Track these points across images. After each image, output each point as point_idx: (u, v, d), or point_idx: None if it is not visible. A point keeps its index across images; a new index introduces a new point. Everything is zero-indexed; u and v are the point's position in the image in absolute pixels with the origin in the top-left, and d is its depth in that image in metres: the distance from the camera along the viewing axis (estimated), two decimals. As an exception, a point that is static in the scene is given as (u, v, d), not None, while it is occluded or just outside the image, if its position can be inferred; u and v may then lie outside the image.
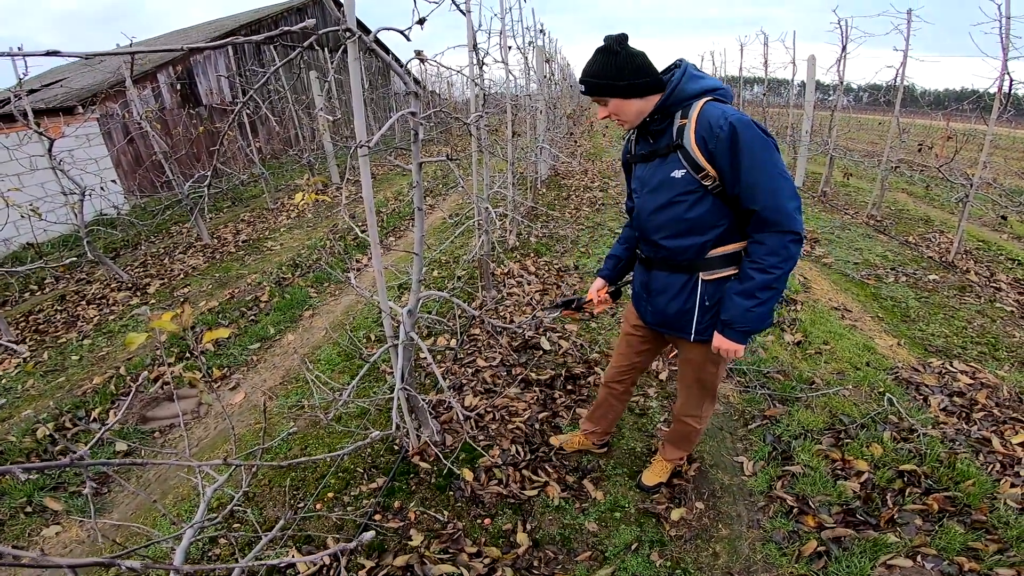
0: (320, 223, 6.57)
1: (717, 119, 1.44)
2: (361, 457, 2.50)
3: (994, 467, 2.19)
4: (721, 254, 1.59)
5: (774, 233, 1.45)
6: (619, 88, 1.52)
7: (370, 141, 1.87)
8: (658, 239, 1.66)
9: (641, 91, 1.52)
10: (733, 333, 1.57)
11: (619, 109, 1.56)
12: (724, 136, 1.42)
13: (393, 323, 2.14)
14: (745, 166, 1.42)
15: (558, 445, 2.48)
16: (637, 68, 1.50)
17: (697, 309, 1.66)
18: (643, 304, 1.84)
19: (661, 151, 1.59)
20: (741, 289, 1.53)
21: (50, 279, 5.07)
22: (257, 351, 3.53)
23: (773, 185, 1.42)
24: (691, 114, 1.50)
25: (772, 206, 1.42)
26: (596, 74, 1.53)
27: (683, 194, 1.55)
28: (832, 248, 5.06)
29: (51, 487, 2.45)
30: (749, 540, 2.02)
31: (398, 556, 1.97)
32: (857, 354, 3.11)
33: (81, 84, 8.22)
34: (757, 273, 1.48)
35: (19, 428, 2.84)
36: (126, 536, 2.19)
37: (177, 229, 6.59)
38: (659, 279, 1.73)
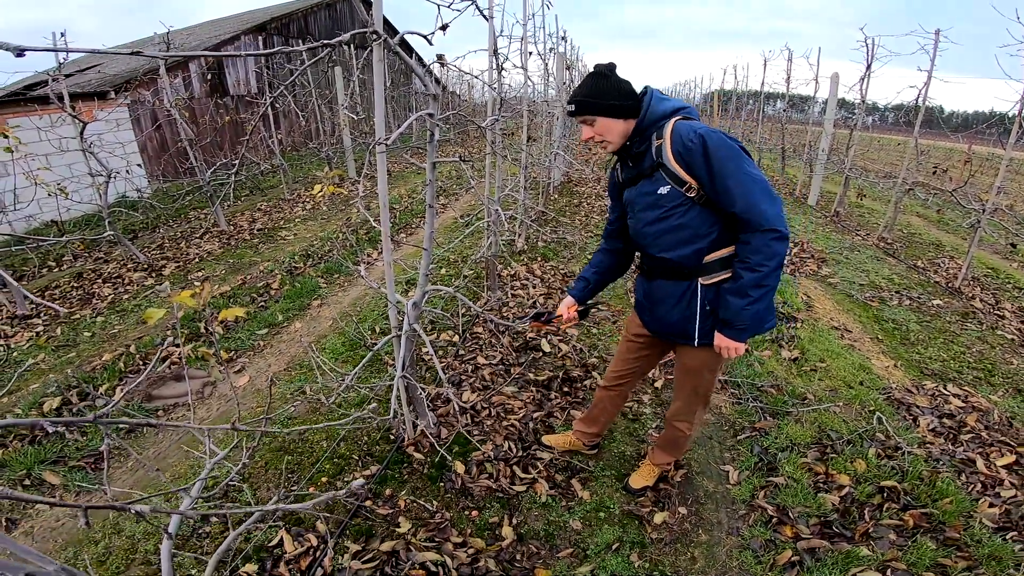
0: (334, 216, 6.70)
1: (687, 133, 1.57)
2: (357, 444, 2.58)
3: (975, 487, 2.22)
4: (717, 258, 1.67)
5: (755, 232, 1.54)
6: (607, 107, 1.66)
7: (388, 139, 1.97)
8: (655, 252, 1.75)
9: (625, 112, 1.68)
10: (732, 331, 1.66)
11: (605, 128, 1.70)
12: (696, 148, 1.55)
13: (398, 315, 2.22)
14: (717, 173, 1.54)
15: (550, 445, 2.53)
16: (623, 91, 1.67)
17: (698, 315, 1.73)
18: (645, 313, 1.92)
19: (645, 172, 1.71)
20: (733, 288, 1.61)
21: (68, 256, 5.23)
22: (264, 337, 3.64)
23: (744, 188, 1.53)
24: (664, 133, 1.63)
25: (746, 207, 1.53)
26: (587, 94, 1.68)
27: (672, 208, 1.66)
28: (839, 268, 5.07)
29: (51, 461, 2.51)
30: (727, 547, 2.07)
31: (385, 541, 2.04)
32: (852, 373, 3.13)
33: (116, 70, 8.46)
34: (746, 272, 1.58)
35: (26, 401, 2.92)
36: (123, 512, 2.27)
37: (196, 215, 6.76)
38: (660, 288, 1.80)
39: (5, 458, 2.48)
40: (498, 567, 1.96)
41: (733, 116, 15.17)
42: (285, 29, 12.13)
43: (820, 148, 7.81)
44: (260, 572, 1.92)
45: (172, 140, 8.58)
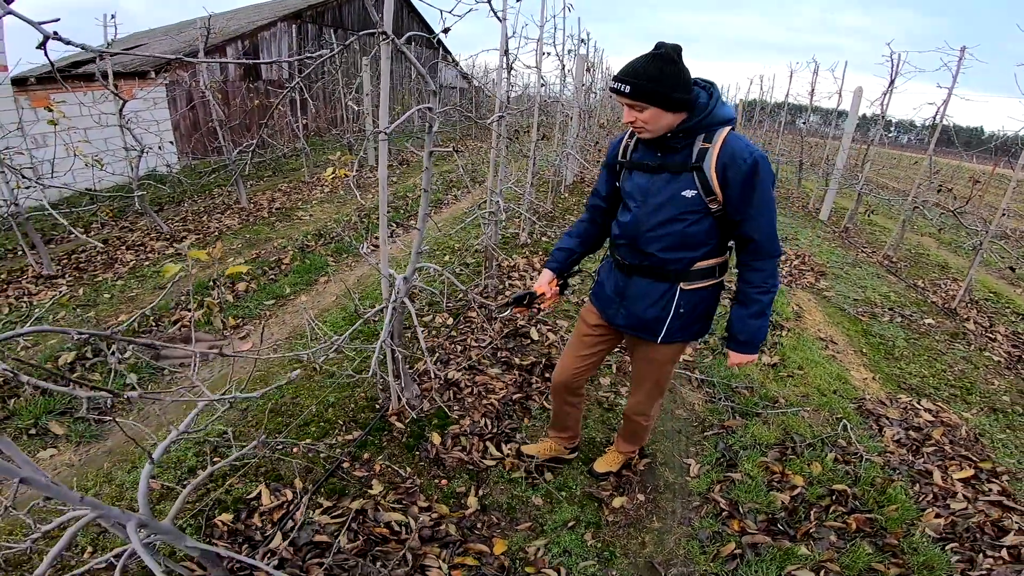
0: (350, 200, 6.93)
1: (742, 151, 1.54)
2: (344, 411, 2.74)
3: (927, 498, 2.28)
4: (702, 267, 1.73)
5: (769, 259, 1.64)
6: (670, 100, 1.51)
7: (389, 128, 2.16)
8: (653, 250, 1.72)
9: (683, 106, 1.54)
10: (751, 348, 1.76)
11: (653, 119, 1.55)
12: (747, 169, 1.53)
13: (390, 287, 2.38)
14: (755, 199, 1.56)
15: (531, 454, 2.48)
16: (688, 83, 1.52)
17: (671, 316, 1.77)
18: (614, 307, 1.90)
19: (673, 167, 1.63)
20: (753, 311, 1.70)
21: (96, 223, 5.54)
22: (271, 307, 3.85)
23: (770, 219, 1.60)
24: (716, 139, 1.56)
25: (768, 238, 1.61)
26: (650, 78, 1.49)
27: (688, 212, 1.63)
28: (836, 283, 5.10)
29: (59, 412, 2.68)
30: (676, 535, 2.15)
31: (356, 500, 2.16)
32: (828, 382, 3.21)
33: (158, 51, 8.82)
34: (763, 295, 1.68)
35: (43, 354, 3.12)
36: (116, 460, 2.42)
37: (219, 191, 7.06)
38: (639, 285, 1.80)
39: (16, 407, 2.62)
40: (458, 532, 2.08)
41: (755, 126, 15.06)
42: (320, 18, 12.44)
43: (838, 163, 7.79)
44: (235, 521, 2.05)
45: (204, 120, 8.92)
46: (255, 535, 1.99)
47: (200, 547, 1.38)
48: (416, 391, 2.83)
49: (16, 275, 4.24)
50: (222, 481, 2.22)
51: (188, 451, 2.42)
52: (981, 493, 2.30)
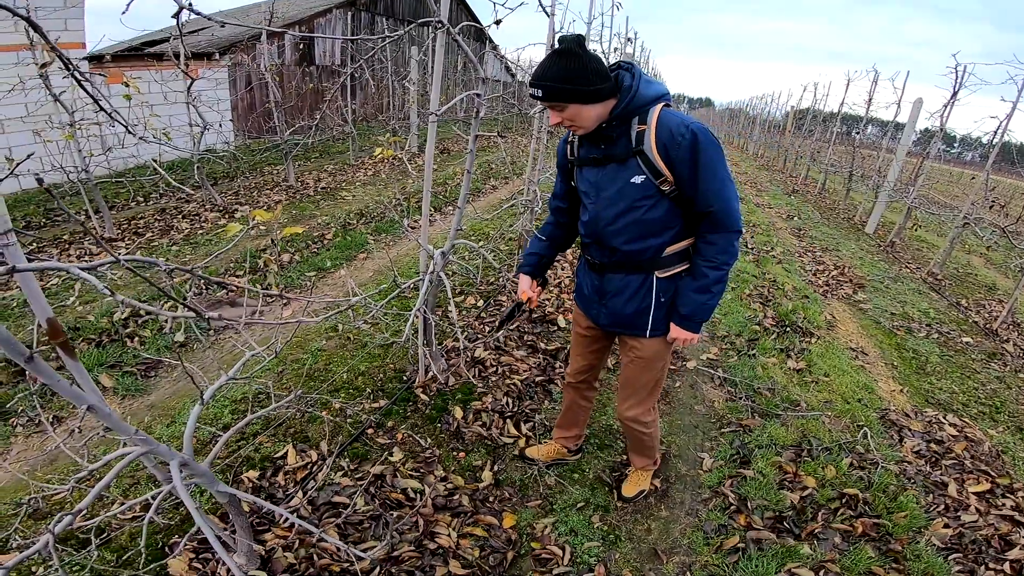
0: (392, 183, 7.16)
1: (678, 126, 1.50)
2: (373, 380, 2.87)
3: (938, 508, 2.26)
4: (674, 251, 1.68)
5: (724, 232, 1.58)
6: (583, 93, 1.48)
7: (440, 111, 2.29)
8: (617, 244, 1.68)
9: (602, 96, 1.51)
10: (691, 324, 1.70)
11: (577, 115, 1.53)
12: (686, 144, 1.49)
13: (428, 259, 2.51)
14: (702, 172, 1.51)
15: (533, 457, 2.44)
16: (599, 72, 1.48)
17: (653, 307, 1.73)
18: (595, 308, 1.86)
19: (618, 156, 1.60)
20: (697, 286, 1.64)
21: (156, 194, 5.91)
22: (312, 279, 4.07)
23: (724, 189, 1.54)
24: (650, 120, 1.53)
25: (724, 208, 1.55)
26: (557, 78, 1.47)
27: (642, 199, 1.60)
28: (875, 296, 5.00)
29: (109, 365, 2.87)
30: (683, 525, 2.18)
31: (376, 465, 2.25)
32: (853, 390, 3.19)
33: (223, 34, 9.25)
34: (711, 270, 1.62)
35: (99, 311, 3.34)
36: (156, 415, 2.59)
37: (270, 169, 7.40)
38: (614, 281, 1.76)
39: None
40: (470, 504, 2.15)
41: (805, 135, 14.63)
42: (373, 5, 12.76)
43: (890, 176, 7.55)
44: (260, 478, 2.15)
45: (260, 101, 9.31)
46: (277, 492, 2.10)
47: (229, 491, 1.49)
48: (443, 365, 2.96)
49: (79, 236, 4.58)
50: (252, 439, 2.36)
51: (224, 408, 2.58)
52: (994, 507, 2.27)
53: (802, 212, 8.83)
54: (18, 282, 0.93)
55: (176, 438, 2.38)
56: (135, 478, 2.13)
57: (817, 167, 12.57)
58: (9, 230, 0.87)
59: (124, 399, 2.71)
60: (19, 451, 2.35)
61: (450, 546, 1.93)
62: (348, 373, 2.91)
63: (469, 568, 1.87)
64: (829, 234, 7.44)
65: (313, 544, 1.87)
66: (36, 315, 0.99)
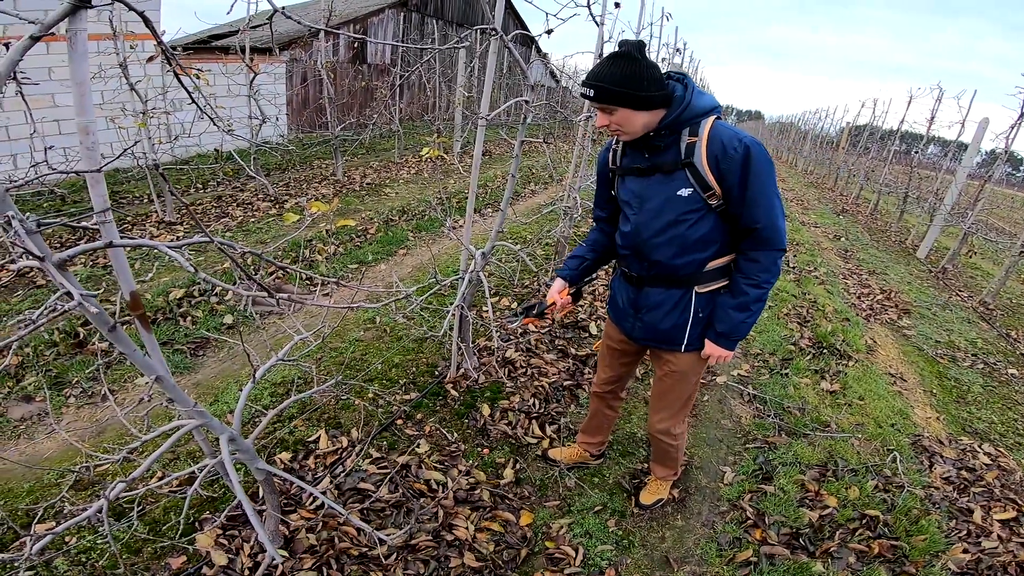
0: (433, 182, 7.33)
1: (731, 140, 1.48)
2: (406, 372, 2.98)
3: (960, 533, 2.23)
4: (715, 267, 1.66)
5: (769, 251, 1.56)
6: (636, 99, 1.46)
7: (489, 115, 2.39)
8: (659, 257, 1.66)
9: (654, 104, 1.49)
10: (727, 342, 1.68)
11: (626, 120, 1.52)
12: (738, 158, 1.47)
13: (469, 259, 2.60)
14: (752, 187, 1.49)
15: (556, 459, 2.47)
16: (654, 79, 1.47)
17: (691, 322, 1.70)
18: (630, 321, 1.84)
19: (665, 167, 1.57)
20: (736, 303, 1.61)
21: (213, 182, 6.24)
22: (353, 271, 4.24)
23: (773, 207, 1.52)
24: (701, 132, 1.51)
25: (771, 225, 1.53)
26: (614, 81, 1.46)
27: (688, 212, 1.57)
28: (920, 322, 4.83)
29: (162, 342, 3.03)
30: (697, 535, 2.19)
31: (403, 455, 2.33)
32: (887, 415, 3.12)
33: (283, 30, 9.66)
34: (752, 288, 1.59)
35: (156, 290, 3.55)
36: (201, 393, 2.75)
37: (319, 163, 7.69)
38: (652, 296, 1.73)
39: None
40: (490, 499, 2.20)
41: (860, 152, 14.14)
42: (423, 7, 13.05)
43: (948, 199, 7.25)
44: (292, 460, 2.25)
45: (314, 97, 9.67)
46: (307, 475, 2.19)
47: (268, 469, 1.59)
48: (475, 363, 3.05)
49: (142, 219, 4.89)
50: (288, 422, 2.48)
51: (265, 390, 2.71)
52: (1016, 535, 2.22)
53: (850, 233, 8.57)
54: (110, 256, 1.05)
55: (219, 416, 2.50)
56: (176, 453, 2.26)
57: (871, 186, 12.13)
58: (107, 208, 0.99)
59: (172, 376, 2.86)
60: (69, 422, 2.52)
61: (467, 538, 1.98)
62: (383, 364, 3.03)
63: (483, 561, 1.93)
64: (877, 257, 7.21)
65: (335, 527, 1.94)
66: (121, 288, 1.11)
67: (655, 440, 2.09)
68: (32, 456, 2.28)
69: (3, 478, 2.11)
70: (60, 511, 1.87)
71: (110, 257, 1.09)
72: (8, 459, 1.93)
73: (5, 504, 1.96)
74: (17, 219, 0.73)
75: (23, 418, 2.50)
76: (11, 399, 2.59)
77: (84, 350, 2.96)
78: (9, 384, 2.67)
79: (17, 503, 1.96)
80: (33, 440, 2.38)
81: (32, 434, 2.41)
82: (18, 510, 1.93)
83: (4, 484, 2.07)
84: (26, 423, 2.48)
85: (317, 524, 1.95)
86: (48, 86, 5.44)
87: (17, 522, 1.87)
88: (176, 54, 4.84)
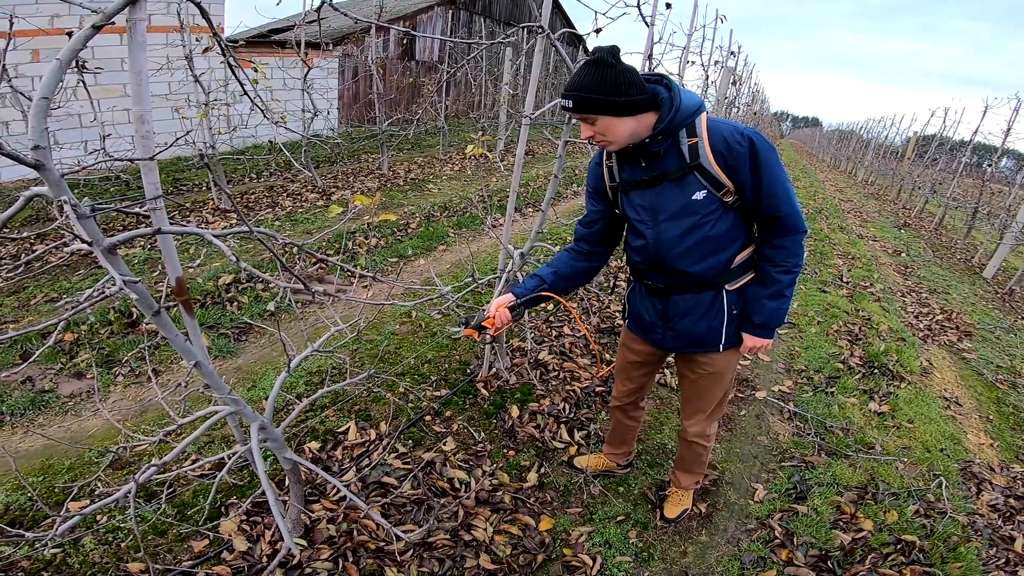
0: (476, 180, 7.39)
1: (732, 133, 1.45)
2: (438, 368, 3.00)
3: (998, 562, 2.11)
4: (740, 262, 1.63)
5: (793, 235, 1.54)
6: (615, 105, 1.39)
7: (534, 114, 2.39)
8: (685, 266, 1.60)
9: (636, 109, 1.42)
10: (766, 332, 1.66)
11: (608, 128, 1.45)
12: (743, 151, 1.44)
13: (507, 258, 2.59)
14: (766, 178, 1.46)
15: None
16: (632, 84, 1.40)
17: (726, 321, 1.67)
18: (659, 332, 1.78)
19: (672, 174, 1.52)
20: (770, 292, 1.60)
21: (266, 173, 6.48)
22: (393, 264, 4.32)
23: (788, 191, 1.49)
24: (699, 131, 1.47)
25: (791, 212, 1.50)
26: (588, 88, 1.39)
27: (707, 215, 1.53)
28: (982, 346, 4.53)
29: (208, 326, 3.15)
30: (720, 552, 2.12)
31: (428, 452, 2.34)
32: (937, 439, 2.95)
33: (337, 25, 9.92)
34: (783, 275, 1.58)
35: (207, 274, 3.70)
36: (240, 378, 2.83)
37: (367, 157, 7.88)
38: (682, 303, 1.68)
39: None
40: (511, 502, 2.18)
41: (927, 164, 13.36)
42: (471, 5, 13.14)
43: (1018, 215, 6.78)
44: (320, 450, 2.28)
45: (364, 92, 9.89)
46: (333, 466, 2.22)
47: (294, 459, 1.62)
48: (507, 363, 3.04)
49: (199, 205, 5.12)
50: (320, 411, 2.52)
51: (300, 379, 2.77)
52: None
53: (912, 248, 8.12)
54: (159, 243, 1.10)
55: (254, 402, 2.58)
56: (211, 437, 2.33)
57: (936, 200, 11.45)
58: (158, 196, 1.04)
59: (215, 359, 2.96)
60: (115, 400, 2.63)
61: (484, 540, 1.98)
62: (416, 359, 3.06)
63: (498, 564, 1.91)
64: (940, 275, 6.81)
65: (355, 520, 1.96)
66: (168, 273, 1.17)
67: (689, 445, 2.03)
68: (77, 433, 2.40)
69: (46, 454, 2.22)
70: (93, 490, 1.94)
71: (159, 243, 1.14)
72: (51, 438, 2.03)
73: (44, 480, 2.06)
74: (71, 204, 0.77)
75: (72, 394, 2.64)
76: (63, 375, 2.75)
77: (136, 330, 3.12)
78: (63, 360, 2.83)
79: (55, 480, 2.06)
80: (80, 417, 2.51)
81: (79, 411, 2.54)
82: (55, 487, 2.01)
83: (46, 460, 2.18)
84: (75, 399, 2.61)
85: (338, 516, 1.98)
86: (121, 76, 5.76)
87: (52, 499, 1.95)
88: (234, 47, 5.02)
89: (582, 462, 2.44)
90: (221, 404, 1.40)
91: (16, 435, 2.36)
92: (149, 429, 2.14)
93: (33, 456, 2.22)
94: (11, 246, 3.91)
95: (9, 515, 1.88)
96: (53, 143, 5.20)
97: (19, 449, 2.27)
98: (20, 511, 1.90)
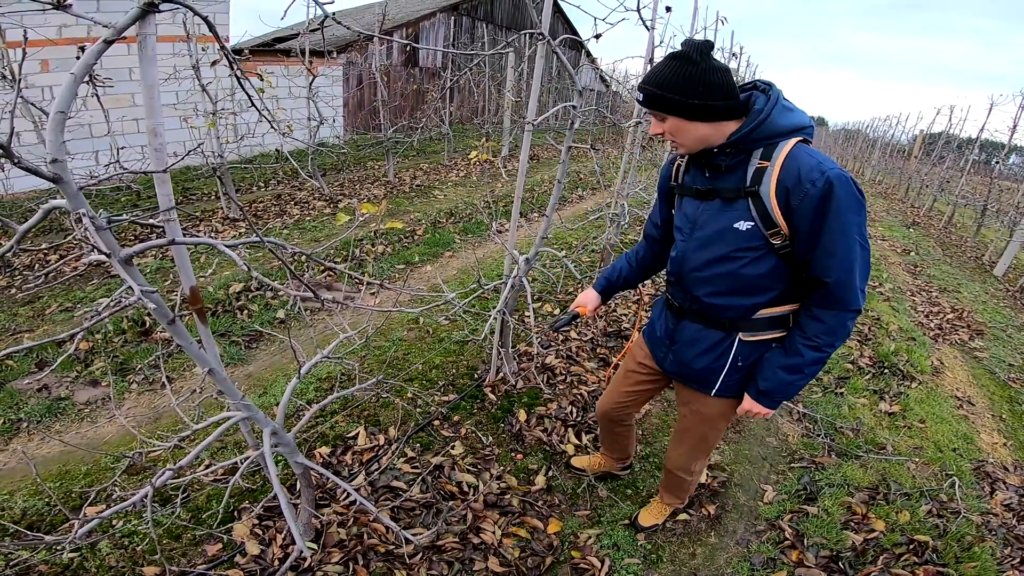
0: (481, 185, 7.42)
1: (810, 170, 1.21)
2: (445, 373, 3.01)
3: (1013, 561, 2.09)
4: (769, 315, 1.42)
5: (837, 311, 1.30)
6: (687, 107, 1.25)
7: (536, 120, 2.40)
8: (699, 294, 1.46)
9: (714, 114, 1.26)
10: (769, 402, 1.45)
11: (678, 130, 1.30)
12: (815, 193, 1.21)
13: (512, 264, 2.61)
14: (830, 231, 1.22)
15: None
16: (714, 86, 1.23)
17: (727, 369, 1.49)
18: (663, 351, 1.66)
19: (727, 193, 1.34)
20: (788, 364, 1.38)
21: (273, 181, 6.54)
22: (399, 271, 4.35)
23: (852, 257, 1.24)
24: (776, 157, 1.26)
25: (845, 281, 1.26)
26: (662, 84, 1.25)
27: (744, 249, 1.34)
28: (994, 344, 4.50)
29: (219, 333, 3.19)
30: (729, 554, 2.12)
31: (437, 456, 2.36)
32: (949, 439, 2.94)
33: (341, 33, 10.02)
34: (809, 351, 1.34)
35: (218, 282, 3.74)
36: (251, 384, 2.85)
37: (372, 164, 7.93)
38: (690, 330, 1.54)
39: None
40: (520, 505, 2.19)
41: (935, 162, 13.28)
42: (473, 11, 13.22)
43: (1028, 212, 6.73)
44: (330, 455, 2.31)
45: (368, 99, 9.97)
46: (343, 471, 2.24)
47: (306, 463, 1.63)
48: (514, 368, 3.05)
49: (209, 214, 5.18)
50: (330, 417, 2.54)
51: (310, 384, 2.79)
52: None
53: (921, 247, 8.07)
54: (173, 253, 1.13)
55: (266, 408, 2.60)
56: (223, 442, 2.36)
57: (945, 198, 11.38)
58: (172, 207, 1.06)
59: (227, 367, 2.99)
60: (129, 407, 2.67)
61: (493, 543, 1.98)
62: (424, 365, 3.07)
63: (506, 566, 1.92)
64: (950, 273, 6.76)
65: (366, 524, 1.98)
66: (182, 282, 1.19)
67: (668, 473, 1.98)
68: (93, 439, 2.44)
69: (63, 460, 2.26)
70: (110, 495, 1.99)
71: (173, 253, 1.17)
72: (68, 443, 2.08)
73: (61, 486, 2.10)
74: (88, 216, 0.80)
75: (88, 402, 2.69)
76: (79, 383, 2.80)
77: (149, 338, 3.16)
78: (78, 368, 2.88)
79: (73, 485, 2.10)
80: (95, 424, 2.55)
81: (95, 418, 2.59)
82: (72, 492, 2.06)
83: (63, 466, 2.22)
84: (91, 407, 2.66)
85: (349, 519, 2.00)
86: (128, 86, 5.84)
87: (70, 504, 2.00)
88: (240, 57, 5.10)
89: (581, 463, 2.43)
90: (234, 410, 1.42)
91: (33, 441, 2.40)
92: (164, 435, 2.16)
93: (51, 462, 2.26)
94: (24, 256, 3.97)
95: (27, 519, 1.92)
96: (65, 155, 5.28)
97: (37, 455, 2.31)
98: (38, 516, 1.94)
